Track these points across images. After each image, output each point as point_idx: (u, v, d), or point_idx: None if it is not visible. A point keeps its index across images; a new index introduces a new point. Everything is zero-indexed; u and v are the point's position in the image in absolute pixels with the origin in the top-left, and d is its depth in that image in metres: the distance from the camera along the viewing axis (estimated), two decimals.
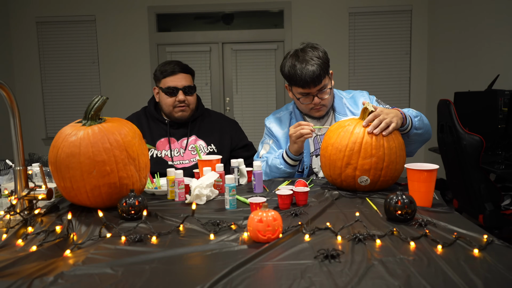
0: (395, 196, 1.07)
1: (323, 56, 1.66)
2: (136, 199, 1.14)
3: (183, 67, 1.94)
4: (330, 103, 1.76)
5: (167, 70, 1.91)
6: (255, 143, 2.10)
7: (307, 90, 1.66)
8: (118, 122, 1.28)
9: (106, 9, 4.79)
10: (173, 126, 1.95)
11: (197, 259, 0.88)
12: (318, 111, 1.73)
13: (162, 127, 1.95)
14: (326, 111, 1.75)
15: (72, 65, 4.89)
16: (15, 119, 1.17)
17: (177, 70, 1.91)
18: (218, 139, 1.97)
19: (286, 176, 1.72)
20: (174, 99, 1.90)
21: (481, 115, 2.97)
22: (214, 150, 1.94)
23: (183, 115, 1.92)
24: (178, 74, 1.91)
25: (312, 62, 1.62)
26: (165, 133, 1.94)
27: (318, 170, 1.74)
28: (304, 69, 1.61)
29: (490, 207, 2.33)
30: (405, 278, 0.75)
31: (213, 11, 4.85)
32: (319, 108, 1.71)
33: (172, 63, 1.94)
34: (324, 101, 1.70)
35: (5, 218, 1.11)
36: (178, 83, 1.90)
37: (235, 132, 2.05)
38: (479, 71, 3.63)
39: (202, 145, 1.94)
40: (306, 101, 1.69)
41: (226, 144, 1.98)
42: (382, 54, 4.76)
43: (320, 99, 1.68)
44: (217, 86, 4.92)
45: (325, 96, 1.69)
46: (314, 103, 1.69)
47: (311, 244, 0.93)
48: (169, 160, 1.89)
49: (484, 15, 3.55)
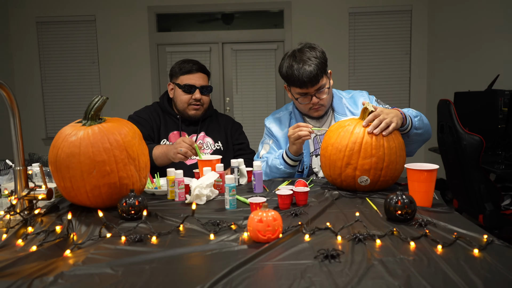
0: (395, 196, 1.07)
1: (320, 56, 1.65)
2: (136, 199, 1.14)
3: (202, 67, 1.98)
4: (329, 102, 1.76)
5: (186, 67, 1.94)
6: (255, 143, 2.11)
7: (305, 90, 1.66)
8: (118, 122, 1.28)
9: (106, 9, 4.79)
10: (184, 122, 2.00)
11: (197, 259, 0.88)
12: (317, 111, 1.72)
13: (174, 121, 2.00)
14: (324, 111, 1.75)
15: (72, 65, 4.89)
16: (15, 119, 1.17)
17: (196, 69, 1.94)
18: (224, 138, 2.02)
19: (286, 176, 1.72)
20: (190, 96, 1.93)
21: (481, 115, 2.97)
22: (220, 147, 1.98)
23: (196, 113, 1.96)
24: (197, 73, 1.94)
25: (309, 62, 1.61)
26: (177, 127, 1.99)
27: (318, 170, 1.74)
28: (302, 69, 1.61)
29: (490, 207, 2.33)
30: (405, 278, 0.75)
31: (213, 11, 4.85)
32: (317, 108, 1.71)
33: (191, 61, 1.97)
34: (322, 101, 1.69)
35: (5, 218, 1.11)
36: (196, 81, 1.93)
37: (236, 131, 2.09)
38: (479, 71, 3.63)
39: (209, 142, 1.99)
40: (304, 101, 1.69)
41: (230, 142, 2.04)
42: (382, 54, 4.76)
43: (318, 98, 1.68)
44: (217, 86, 4.91)
45: (323, 96, 1.68)
46: (313, 103, 1.68)
47: (311, 244, 0.93)
48: None
49: (484, 15, 3.55)
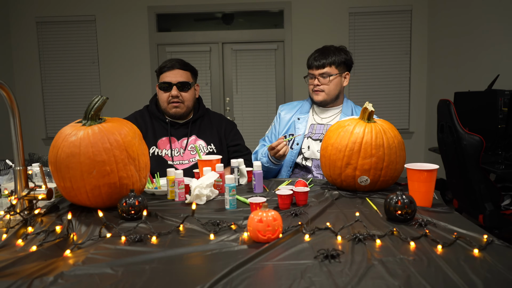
0: (395, 196, 1.07)
1: (343, 54, 1.89)
2: (136, 199, 1.14)
3: (182, 64, 1.94)
4: (331, 92, 1.92)
5: (166, 65, 1.91)
6: (255, 143, 2.11)
7: (311, 71, 1.92)
8: (118, 122, 1.28)
9: (106, 9, 4.79)
10: (174, 126, 1.95)
11: (197, 259, 0.88)
12: (317, 95, 1.92)
13: (163, 126, 1.94)
14: (324, 97, 1.92)
15: (72, 65, 4.89)
16: (15, 119, 1.17)
17: (175, 66, 1.91)
18: (218, 139, 1.98)
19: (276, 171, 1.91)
20: (168, 94, 1.89)
21: (481, 115, 2.97)
22: (213, 150, 1.94)
23: (177, 111, 1.91)
24: (173, 70, 1.90)
25: (328, 52, 1.88)
26: (166, 132, 1.93)
27: (305, 151, 1.89)
28: (317, 54, 1.89)
29: (490, 207, 2.33)
30: (405, 278, 0.75)
31: (213, 11, 4.85)
32: (317, 91, 1.91)
33: (172, 60, 1.94)
34: (322, 86, 1.90)
35: (5, 218, 1.11)
36: (172, 78, 1.89)
37: (231, 131, 2.05)
38: (479, 71, 3.63)
39: (202, 144, 1.94)
40: (309, 82, 1.95)
41: (224, 143, 1.99)
42: (382, 54, 4.76)
43: (319, 83, 1.90)
44: (217, 86, 4.91)
45: (324, 82, 1.89)
46: (313, 84, 1.92)
47: (311, 244, 0.93)
48: (169, 159, 1.88)
49: (484, 15, 3.55)
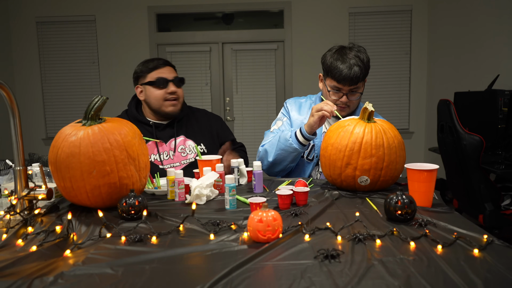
0: (395, 196, 1.07)
1: (366, 62, 1.70)
2: (136, 199, 1.14)
3: (167, 61, 1.88)
4: (354, 107, 1.78)
5: (151, 64, 1.84)
6: (255, 143, 2.10)
7: (341, 86, 1.69)
8: (118, 122, 1.28)
9: (106, 9, 4.79)
10: (158, 128, 1.86)
11: (197, 259, 0.88)
12: (342, 110, 1.74)
13: (147, 129, 1.84)
14: (348, 112, 1.77)
15: (72, 65, 4.89)
16: (15, 119, 1.17)
17: (163, 63, 1.85)
18: (208, 138, 1.92)
19: (289, 158, 1.71)
20: (164, 91, 1.81)
21: (481, 115, 2.97)
22: (204, 149, 1.88)
23: (174, 109, 1.84)
24: (165, 67, 1.85)
25: (356, 62, 1.66)
26: (151, 135, 1.83)
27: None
28: (346, 66, 1.65)
29: (490, 207, 2.33)
30: (405, 278, 0.75)
31: (213, 11, 4.85)
32: (343, 107, 1.74)
33: (153, 59, 1.88)
34: (350, 102, 1.73)
35: (5, 218, 1.11)
36: (168, 74, 1.83)
37: (221, 128, 1.99)
38: (479, 71, 3.63)
39: (191, 145, 1.87)
40: (335, 96, 1.73)
41: (215, 142, 1.93)
42: (382, 54, 4.76)
43: (348, 99, 1.71)
44: (217, 86, 4.91)
45: (354, 98, 1.72)
46: (341, 101, 1.72)
47: (311, 244, 0.93)
48: (159, 164, 1.81)
49: (484, 15, 3.55)
